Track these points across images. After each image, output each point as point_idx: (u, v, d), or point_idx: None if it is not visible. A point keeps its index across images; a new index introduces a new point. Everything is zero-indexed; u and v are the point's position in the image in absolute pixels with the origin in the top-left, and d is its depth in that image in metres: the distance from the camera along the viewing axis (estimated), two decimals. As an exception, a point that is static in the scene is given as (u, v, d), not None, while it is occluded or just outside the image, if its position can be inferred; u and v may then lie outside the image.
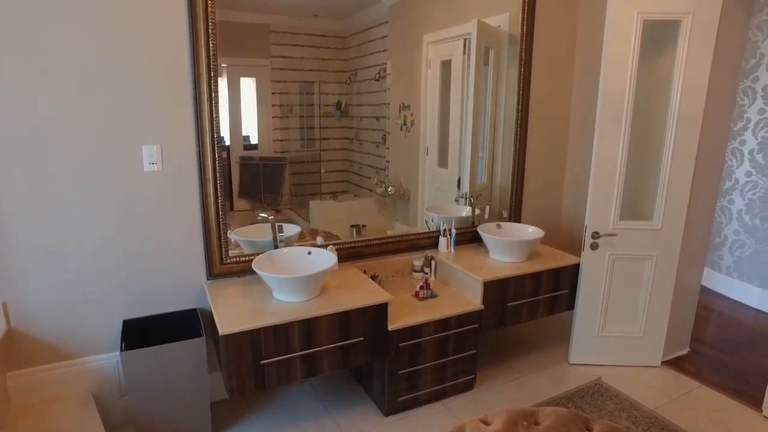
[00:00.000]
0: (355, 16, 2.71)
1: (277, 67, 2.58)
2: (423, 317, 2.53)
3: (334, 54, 2.68)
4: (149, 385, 2.23)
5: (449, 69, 3.11)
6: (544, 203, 3.62)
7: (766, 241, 4.07)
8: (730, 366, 3.23)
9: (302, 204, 2.82)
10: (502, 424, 1.96)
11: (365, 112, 2.87)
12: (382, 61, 2.82)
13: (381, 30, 2.78)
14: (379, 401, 2.68)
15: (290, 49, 2.56)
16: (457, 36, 3.07)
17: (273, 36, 2.52)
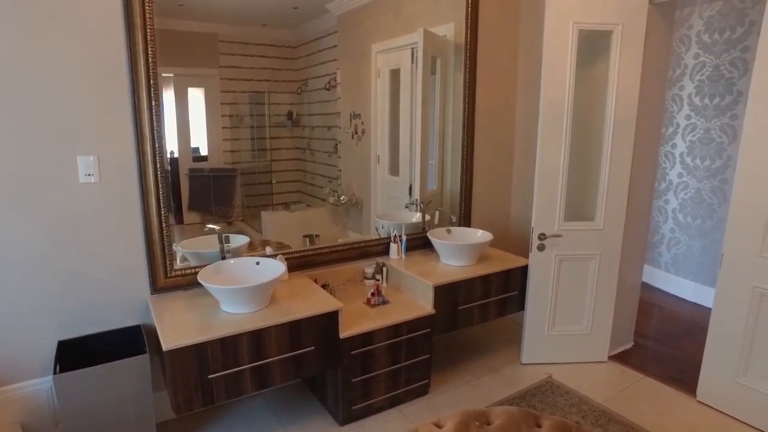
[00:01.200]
0: (304, 26, 2.70)
1: (226, 77, 2.54)
2: (375, 324, 2.52)
3: (285, 64, 2.67)
4: (87, 410, 2.10)
5: (398, 78, 3.15)
6: (493, 208, 3.71)
7: (697, 237, 4.32)
8: (669, 357, 3.39)
9: (254, 215, 2.78)
10: (454, 425, 1.98)
11: (316, 122, 2.87)
12: (332, 71, 2.83)
13: (330, 40, 2.80)
14: (333, 411, 2.65)
15: (239, 59, 2.54)
16: (404, 45, 3.12)
17: (221, 46, 2.48)
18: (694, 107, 4.28)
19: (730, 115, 4.05)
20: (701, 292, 4.33)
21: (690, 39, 4.27)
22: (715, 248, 4.20)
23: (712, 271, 4.23)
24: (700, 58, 4.21)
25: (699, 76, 4.23)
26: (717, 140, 4.14)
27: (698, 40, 4.21)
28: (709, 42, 4.14)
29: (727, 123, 4.07)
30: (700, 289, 4.33)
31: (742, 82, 3.94)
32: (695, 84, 4.26)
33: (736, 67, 3.98)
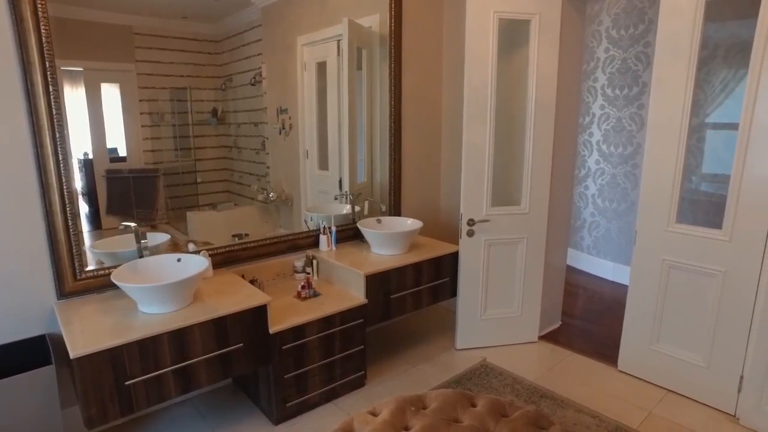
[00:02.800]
0: (227, 19, 2.59)
1: (144, 72, 2.39)
2: (306, 317, 2.45)
3: (208, 59, 2.55)
4: (-17, 429, 1.89)
5: (325, 70, 3.09)
6: (423, 197, 3.74)
7: (614, 220, 4.59)
8: (594, 333, 3.56)
9: (180, 217, 2.63)
10: (390, 412, 1.95)
11: (243, 119, 2.76)
12: (257, 65, 2.74)
13: (255, 33, 2.71)
14: (267, 410, 2.54)
15: (158, 53, 2.40)
16: (330, 37, 3.06)
17: (137, 39, 2.34)
18: (607, 98, 4.53)
19: (638, 105, 4.33)
20: (619, 271, 4.59)
21: (601, 34, 4.52)
22: (629, 229, 4.47)
23: (628, 251, 4.51)
24: (610, 52, 4.47)
25: (610, 69, 4.48)
26: (627, 128, 4.41)
27: (608, 35, 4.47)
28: (617, 37, 4.40)
29: (636, 112, 4.35)
30: (619, 269, 4.60)
31: (646, 74, 4.23)
32: (607, 76, 4.51)
33: (640, 60, 4.26)
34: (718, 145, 3.61)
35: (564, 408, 2.64)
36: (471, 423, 1.88)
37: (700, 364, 2.68)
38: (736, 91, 3.48)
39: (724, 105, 3.53)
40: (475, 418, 1.90)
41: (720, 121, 3.63)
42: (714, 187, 3.70)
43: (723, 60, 3.58)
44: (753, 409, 2.49)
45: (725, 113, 3.55)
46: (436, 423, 1.87)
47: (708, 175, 3.79)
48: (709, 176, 3.81)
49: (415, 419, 1.92)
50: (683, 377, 2.76)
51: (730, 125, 3.55)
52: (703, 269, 2.60)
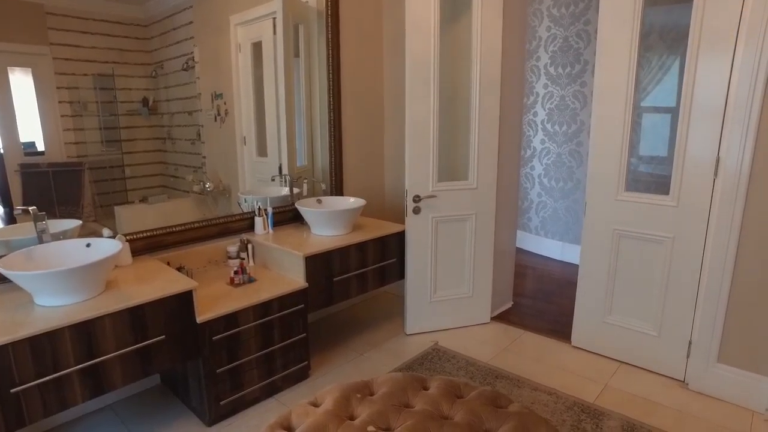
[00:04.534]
0: (154, 1, 2.36)
1: (60, 56, 2.12)
2: (239, 304, 2.20)
3: (135, 44, 2.34)
4: None
5: (260, 51, 2.85)
6: (366, 179, 3.54)
7: (561, 200, 4.57)
8: (545, 311, 3.49)
9: (108, 214, 2.38)
10: (334, 401, 1.75)
11: (176, 107, 2.53)
12: (189, 50, 2.55)
13: (185, 16, 2.50)
14: (199, 411, 2.28)
15: (77, 37, 2.17)
16: (264, 15, 2.83)
17: (51, 19, 2.10)
18: (550, 76, 4.51)
19: (580, 83, 4.32)
20: (568, 250, 4.59)
21: (542, 13, 4.48)
22: (576, 208, 4.47)
23: (576, 229, 4.51)
24: (552, 31, 4.44)
25: (552, 47, 4.45)
26: (571, 106, 4.40)
27: (549, 13, 4.44)
28: (558, 15, 4.37)
29: (578, 90, 4.34)
30: (567, 248, 4.59)
31: (587, 52, 4.22)
32: (549, 55, 4.48)
33: (581, 38, 4.25)
34: (653, 127, 3.59)
35: (520, 387, 2.53)
36: (424, 407, 1.70)
37: (652, 333, 2.64)
38: (667, 76, 3.48)
39: (656, 90, 3.51)
40: (428, 401, 1.73)
41: (654, 105, 3.61)
42: (651, 167, 3.72)
43: (658, 43, 3.59)
44: (700, 373, 2.47)
45: (659, 98, 3.52)
46: (384, 410, 1.69)
47: (645, 157, 3.81)
48: (647, 158, 3.83)
49: (362, 407, 1.72)
50: (635, 348, 2.72)
51: (663, 109, 3.55)
52: (652, 236, 2.56)
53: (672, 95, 2.48)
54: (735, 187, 2.25)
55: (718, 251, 2.34)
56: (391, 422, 1.64)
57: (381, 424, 1.62)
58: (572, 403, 2.39)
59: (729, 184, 2.26)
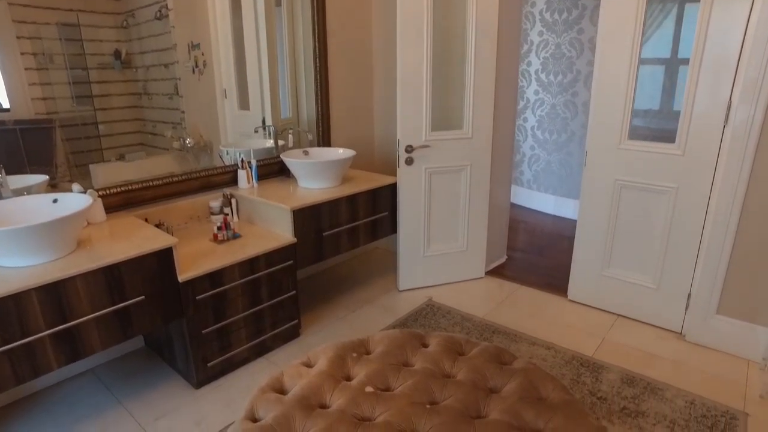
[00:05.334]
0: None
1: (17, 2, 1.90)
2: (224, 261, 2.07)
3: None
4: None
5: None
6: (355, 130, 3.36)
7: (555, 152, 4.45)
8: (539, 265, 3.43)
9: (84, 174, 2.21)
10: (328, 361, 1.65)
11: (151, 60, 2.33)
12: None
13: None
14: (185, 373, 2.18)
15: None
16: None
17: None
18: (545, 23, 4.28)
19: (577, 29, 4.11)
20: (561, 204, 4.51)
21: (538, -48, 4.21)
22: (570, 161, 4.35)
23: (569, 183, 4.41)
24: (549, -29, 4.18)
25: (548, -9, 4.21)
26: (567, 55, 4.21)
27: (546, -48, 4.17)
28: (555, -46, 4.11)
29: (575, 37, 4.14)
30: (560, 202, 4.51)
31: (587, -6, 4.00)
32: (545, 1, 4.25)
33: (580, -21, 4.02)
34: (645, 80, 3.40)
35: (517, 342, 2.47)
36: (424, 366, 1.61)
37: (650, 285, 2.59)
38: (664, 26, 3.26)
39: (652, 40, 3.29)
40: (429, 359, 1.64)
41: (651, 56, 3.41)
42: (645, 121, 3.57)
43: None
44: (698, 325, 2.44)
45: (655, 48, 3.30)
46: (382, 369, 1.60)
47: (639, 111, 3.65)
48: (640, 112, 3.67)
49: (358, 367, 1.63)
50: (633, 301, 2.67)
51: (658, 60, 3.35)
52: (655, 187, 2.46)
53: (668, 46, 2.33)
54: (746, 135, 2.13)
55: (724, 202, 2.25)
56: (390, 382, 1.55)
57: (379, 384, 1.53)
58: (571, 357, 2.34)
59: (740, 132, 2.14)
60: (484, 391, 1.49)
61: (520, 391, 1.47)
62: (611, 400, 2.06)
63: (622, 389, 2.12)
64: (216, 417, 1.98)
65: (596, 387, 2.14)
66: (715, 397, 2.10)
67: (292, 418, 1.38)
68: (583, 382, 2.16)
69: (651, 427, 1.91)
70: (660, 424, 1.93)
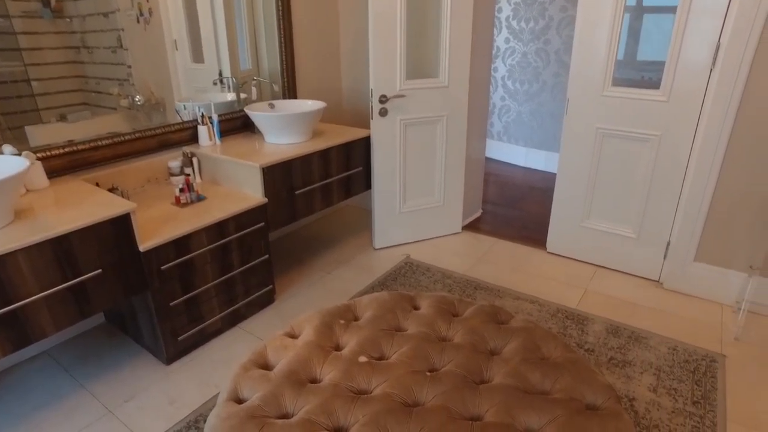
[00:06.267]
0: None
1: None
2: (189, 226, 1.88)
3: None
4: None
5: None
6: (322, 81, 3.13)
7: (526, 103, 4.35)
8: (515, 218, 3.38)
9: (21, 137, 1.93)
10: (315, 330, 1.52)
11: (87, 8, 2.02)
12: None
13: None
14: (154, 349, 2.01)
15: None
16: None
17: None
18: (515, -37, 4.08)
19: (549, -29, 3.94)
20: (532, 156, 4.45)
21: None
22: (542, 111, 4.27)
23: (541, 134, 4.34)
24: None
25: (519, -72, 3.99)
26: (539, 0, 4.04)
27: None
28: None
29: (547, -21, 3.96)
30: (531, 153, 4.45)
31: (559, -67, 3.80)
32: (515, -63, 4.02)
33: None
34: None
35: (501, 297, 2.42)
36: (419, 329, 1.51)
37: (631, 235, 2.57)
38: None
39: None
40: (422, 322, 1.54)
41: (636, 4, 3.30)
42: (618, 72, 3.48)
43: None
44: (676, 272, 2.45)
45: None
46: (374, 336, 1.49)
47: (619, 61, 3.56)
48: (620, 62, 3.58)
49: (348, 335, 1.51)
50: (613, 251, 2.65)
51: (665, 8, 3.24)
52: (638, 135, 2.39)
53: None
54: (734, 78, 2.07)
55: (707, 149, 2.21)
56: (384, 349, 1.44)
57: (373, 352, 1.43)
58: (555, 310, 2.31)
59: (727, 75, 2.08)
60: (484, 354, 1.41)
61: (522, 352, 1.40)
62: (599, 351, 2.04)
63: (608, 340, 2.11)
64: (192, 395, 1.84)
65: (583, 339, 2.12)
66: (695, 341, 2.12)
67: (281, 395, 1.26)
68: (570, 335, 2.14)
69: (639, 376, 1.91)
70: (647, 372, 1.93)
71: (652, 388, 1.86)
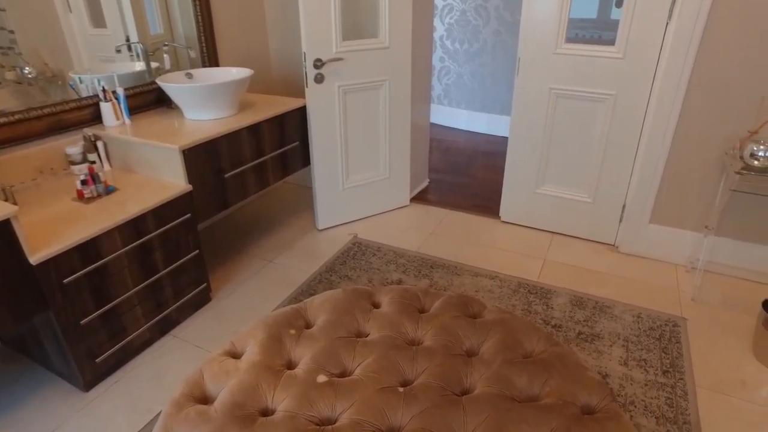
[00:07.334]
0: None
1: None
2: (98, 226, 1.55)
3: None
4: None
5: None
6: (247, 46, 2.76)
7: (466, 64, 4.16)
8: (464, 186, 3.23)
9: None
10: (260, 346, 1.29)
11: None
12: None
13: None
14: (68, 375, 1.69)
15: None
16: None
17: None
18: None
19: None
20: (473, 119, 4.30)
21: None
22: (482, 72, 4.10)
23: (482, 95, 4.18)
24: None
25: None
26: (475, -50, 3.80)
27: None
28: None
29: (482, -71, 3.72)
30: (473, 116, 4.30)
31: None
32: None
33: None
34: None
35: (460, 275, 2.27)
36: (383, 334, 1.31)
37: (586, 200, 2.49)
38: None
39: None
40: (386, 324, 1.34)
41: None
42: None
43: None
44: (631, 235, 2.41)
45: None
46: (333, 347, 1.27)
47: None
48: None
49: (300, 347, 1.29)
50: (569, 217, 2.57)
51: None
52: (593, 95, 2.27)
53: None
54: (690, 31, 1.96)
55: (663, 108, 2.12)
56: (345, 363, 1.24)
57: (332, 368, 1.21)
58: (517, 285, 2.20)
59: (683, 29, 1.97)
60: (461, 357, 1.24)
61: (502, 351, 1.24)
62: (566, 327, 1.95)
63: (573, 313, 2.03)
64: (119, 426, 1.56)
65: (549, 314, 2.02)
66: (656, 306, 2.09)
67: (226, 438, 1.02)
68: (536, 311, 2.03)
69: (608, 350, 1.84)
70: (616, 345, 1.86)
71: (623, 361, 1.79)
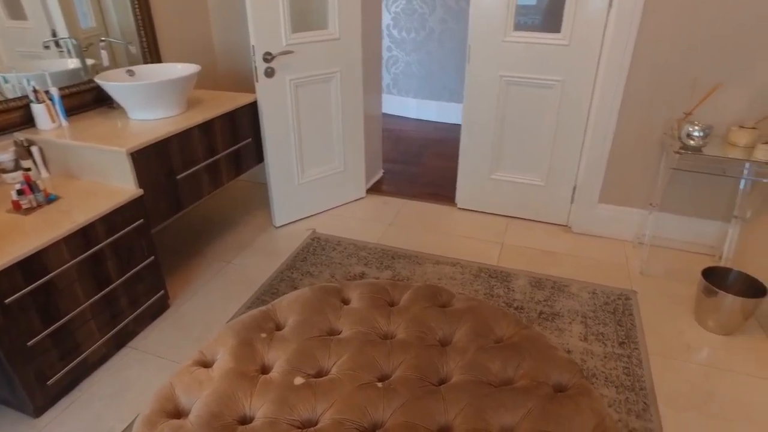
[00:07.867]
0: None
1: None
2: (40, 239, 1.44)
3: None
4: None
5: None
6: (191, 40, 2.64)
7: (413, 52, 4.17)
8: (418, 175, 3.26)
9: None
10: (232, 353, 1.25)
11: None
12: None
13: None
14: (15, 402, 1.58)
15: None
16: None
17: None
18: None
19: None
20: (423, 107, 4.33)
21: None
22: (430, 60, 4.12)
23: (431, 84, 4.21)
24: None
25: None
26: (416, -62, 3.80)
27: None
28: None
29: None
30: (422, 104, 4.33)
31: None
32: None
33: None
34: None
35: (422, 264, 2.29)
36: (356, 329, 1.30)
37: (539, 183, 2.56)
38: None
39: None
40: (358, 319, 1.34)
41: None
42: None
43: None
44: (583, 215, 2.51)
45: None
46: (306, 347, 1.25)
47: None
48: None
49: (273, 350, 1.26)
50: (523, 201, 2.64)
51: None
52: (542, 81, 2.33)
53: None
54: (629, 20, 2.05)
55: (607, 92, 2.21)
56: (321, 362, 1.22)
57: (309, 368, 1.20)
58: (478, 270, 2.24)
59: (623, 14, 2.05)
60: (435, 348, 1.25)
61: (475, 338, 1.26)
62: (528, 307, 2.01)
63: (533, 294, 2.09)
64: (78, 446, 1.48)
65: (511, 297, 2.07)
66: (609, 281, 2.19)
67: (204, 451, 0.99)
68: (498, 295, 2.08)
69: (568, 326, 1.91)
70: (575, 321, 1.94)
71: (583, 336, 1.87)
